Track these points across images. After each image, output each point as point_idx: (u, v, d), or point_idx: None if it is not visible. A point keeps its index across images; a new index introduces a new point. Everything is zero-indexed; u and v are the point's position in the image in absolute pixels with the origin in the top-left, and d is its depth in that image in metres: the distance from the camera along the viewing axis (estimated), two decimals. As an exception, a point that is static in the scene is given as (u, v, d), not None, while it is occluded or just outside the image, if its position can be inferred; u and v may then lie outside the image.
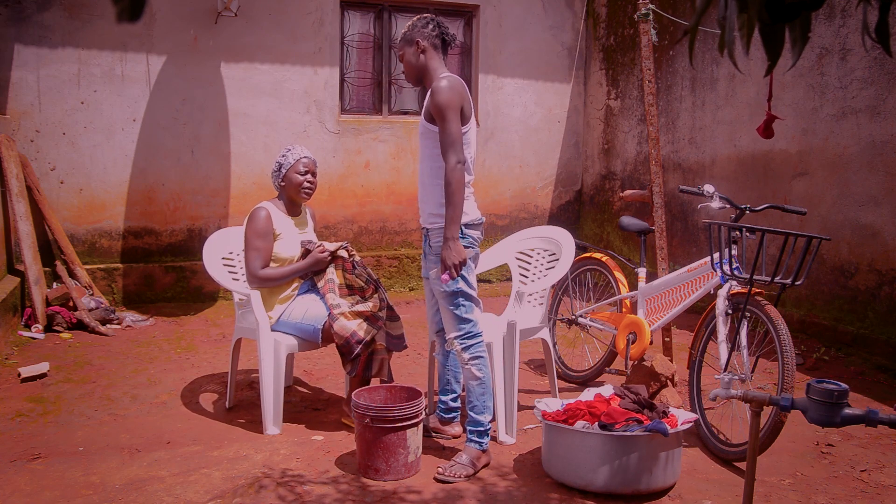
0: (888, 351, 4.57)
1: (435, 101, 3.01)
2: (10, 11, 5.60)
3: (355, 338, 3.45)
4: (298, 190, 3.71)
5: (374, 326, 3.51)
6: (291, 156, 3.72)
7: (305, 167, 3.71)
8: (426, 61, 3.20)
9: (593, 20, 7.47)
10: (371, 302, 3.57)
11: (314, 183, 3.76)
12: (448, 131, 3.00)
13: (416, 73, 3.21)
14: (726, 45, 1.03)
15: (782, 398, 2.22)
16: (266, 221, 3.65)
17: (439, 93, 3.02)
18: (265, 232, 3.64)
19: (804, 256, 3.20)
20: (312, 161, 3.76)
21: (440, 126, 3.02)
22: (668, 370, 3.84)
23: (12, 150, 5.45)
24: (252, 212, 3.70)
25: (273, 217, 3.69)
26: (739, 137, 5.72)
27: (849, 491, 3.06)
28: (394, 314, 3.67)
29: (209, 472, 3.08)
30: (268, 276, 3.61)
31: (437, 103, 3.01)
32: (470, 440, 3.19)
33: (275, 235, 3.68)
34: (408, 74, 3.26)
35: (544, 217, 7.51)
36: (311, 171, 3.74)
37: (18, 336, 5.00)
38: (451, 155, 2.99)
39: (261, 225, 3.64)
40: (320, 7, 6.49)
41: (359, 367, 3.49)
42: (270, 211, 3.70)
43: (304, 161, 3.72)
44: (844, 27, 4.87)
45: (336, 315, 3.48)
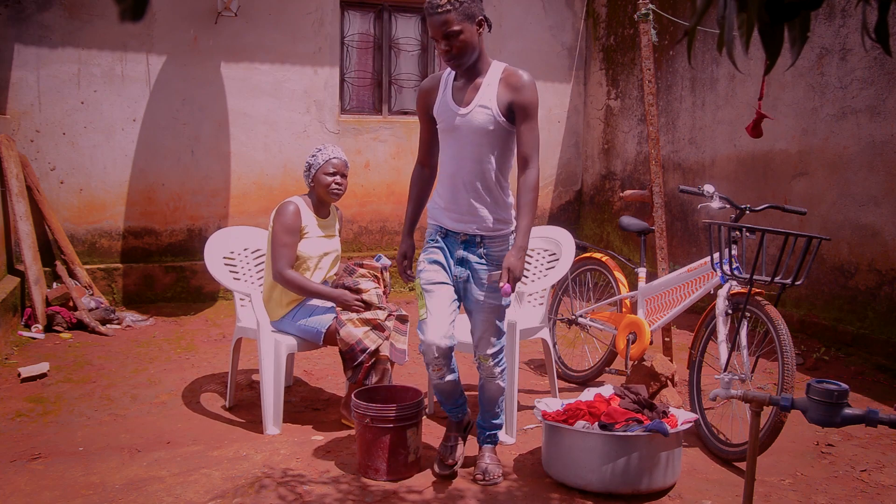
0: (888, 351, 4.57)
1: (529, 96, 2.73)
2: (10, 11, 5.60)
3: (360, 346, 3.44)
4: (327, 191, 3.66)
5: (380, 336, 3.51)
6: (321, 156, 3.68)
7: (335, 168, 3.67)
8: (482, 43, 2.79)
9: (593, 20, 7.47)
10: (380, 311, 3.56)
11: (343, 184, 3.70)
12: (537, 132, 2.78)
13: (471, 55, 2.74)
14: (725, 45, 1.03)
15: (782, 398, 2.22)
16: (295, 217, 3.62)
17: (532, 88, 2.74)
18: (294, 228, 3.60)
19: (804, 256, 3.20)
20: (343, 162, 3.71)
21: (528, 124, 2.74)
22: (668, 370, 3.84)
23: (12, 150, 5.45)
24: (280, 206, 3.66)
25: (302, 213, 3.66)
26: (739, 137, 5.72)
27: (849, 491, 3.06)
28: (402, 327, 3.65)
29: (209, 472, 3.08)
30: (291, 281, 3.56)
31: (532, 99, 2.73)
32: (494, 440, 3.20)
33: (302, 233, 3.65)
34: (459, 56, 2.72)
35: (544, 217, 7.51)
36: (341, 171, 3.69)
37: (18, 336, 5.00)
38: (537, 157, 2.78)
39: (289, 220, 3.60)
40: (320, 7, 6.49)
41: (360, 375, 3.48)
42: (300, 207, 3.66)
43: (333, 162, 3.67)
44: (844, 27, 4.87)
45: (343, 321, 3.47)
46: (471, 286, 2.91)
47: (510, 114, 2.76)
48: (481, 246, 2.89)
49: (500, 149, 2.80)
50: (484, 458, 3.11)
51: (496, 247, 2.89)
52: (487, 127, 2.75)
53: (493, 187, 2.84)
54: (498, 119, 2.75)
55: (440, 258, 2.92)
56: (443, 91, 2.86)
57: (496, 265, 2.87)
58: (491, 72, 2.80)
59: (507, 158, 2.85)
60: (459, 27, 2.68)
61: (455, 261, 2.92)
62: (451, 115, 2.80)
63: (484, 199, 2.84)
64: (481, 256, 2.89)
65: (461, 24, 2.68)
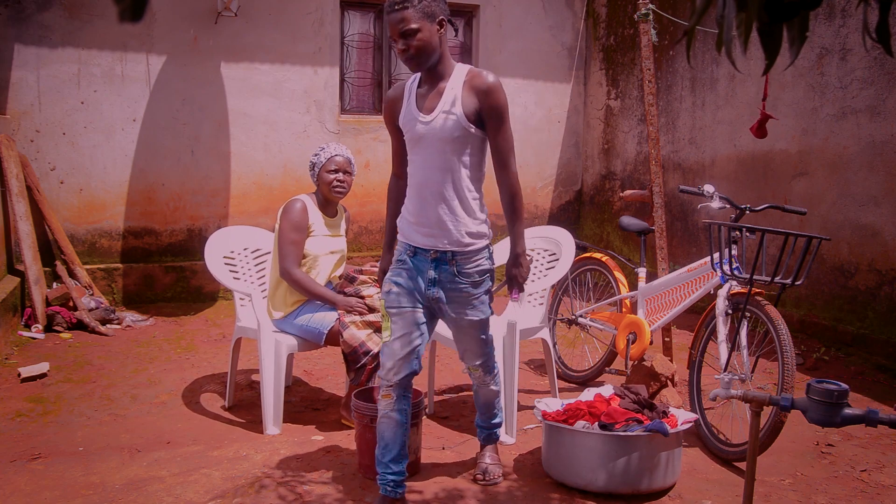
0: (888, 351, 4.57)
1: (496, 99, 2.58)
2: (10, 11, 5.60)
3: (364, 348, 3.44)
4: (329, 189, 3.66)
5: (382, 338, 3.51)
6: (324, 154, 3.69)
7: (336, 165, 3.66)
8: (444, 45, 2.62)
9: (593, 20, 7.47)
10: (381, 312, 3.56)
11: (345, 181, 3.69)
12: (510, 134, 2.66)
13: (430, 56, 2.58)
14: (725, 45, 1.03)
15: (782, 398, 2.21)
16: (302, 214, 3.62)
17: (500, 91, 2.59)
18: (301, 225, 3.60)
19: (804, 256, 3.20)
20: (346, 159, 3.70)
21: (499, 128, 2.62)
22: (668, 370, 3.84)
23: (12, 150, 5.45)
24: (287, 204, 3.66)
25: (309, 211, 3.66)
26: (739, 137, 5.72)
27: (849, 491, 3.06)
28: None
29: (209, 472, 3.08)
30: (298, 281, 3.56)
31: (499, 102, 2.59)
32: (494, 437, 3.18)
33: (308, 230, 3.65)
34: (417, 56, 2.56)
35: (544, 217, 7.51)
36: (343, 169, 3.68)
37: (18, 336, 5.00)
38: (513, 161, 2.70)
39: (297, 217, 3.60)
40: (320, 7, 6.49)
41: (363, 377, 3.48)
42: (307, 205, 3.67)
43: (335, 159, 3.67)
44: (844, 27, 4.87)
45: (347, 323, 3.48)
46: (445, 306, 2.77)
47: (478, 119, 2.60)
48: (453, 263, 2.72)
49: (469, 157, 2.65)
50: (485, 457, 3.11)
51: (469, 263, 2.73)
52: (453, 134, 2.59)
53: (465, 199, 2.68)
54: (464, 125, 2.59)
55: (406, 280, 2.73)
56: (407, 99, 2.70)
57: (471, 283, 2.74)
58: (454, 75, 2.62)
59: (478, 167, 2.71)
60: (417, 25, 2.52)
61: (426, 282, 2.73)
62: (415, 123, 2.65)
63: (455, 212, 2.68)
64: (454, 274, 2.72)
65: (419, 23, 2.52)
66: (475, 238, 2.73)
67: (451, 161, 2.63)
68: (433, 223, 2.69)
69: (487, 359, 2.97)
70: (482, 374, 2.97)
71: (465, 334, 2.86)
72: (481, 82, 2.58)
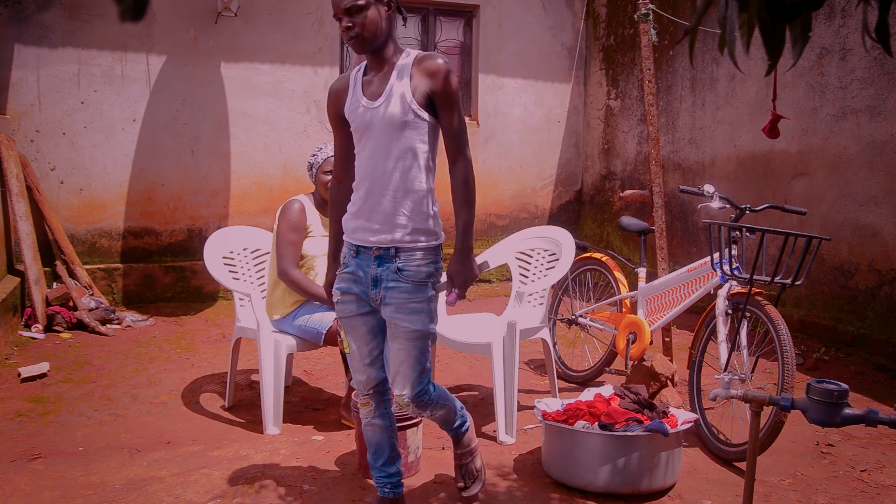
0: (888, 351, 4.57)
1: (449, 81, 2.41)
2: (10, 11, 5.60)
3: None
4: (327, 189, 3.65)
5: None
6: (321, 155, 3.68)
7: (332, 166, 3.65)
8: (392, 29, 2.50)
9: (593, 20, 7.47)
10: None
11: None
12: (462, 120, 2.48)
13: (376, 38, 2.43)
14: (727, 45, 1.03)
15: (782, 398, 2.21)
16: (300, 214, 3.62)
17: (448, 73, 2.43)
18: (299, 226, 3.61)
19: (804, 256, 3.20)
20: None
21: (450, 114, 2.44)
22: (668, 370, 3.84)
23: (12, 150, 5.45)
24: (285, 204, 3.66)
25: (307, 212, 3.66)
26: (739, 137, 5.73)
27: (849, 491, 3.06)
28: None
29: (209, 472, 3.08)
30: (295, 281, 3.55)
31: (450, 85, 2.41)
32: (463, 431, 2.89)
33: (306, 231, 3.65)
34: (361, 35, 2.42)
35: (544, 217, 7.51)
36: None
37: (18, 336, 5.00)
38: (466, 148, 2.50)
39: (294, 218, 3.60)
40: (320, 7, 6.49)
41: None
42: (304, 205, 3.67)
43: (331, 160, 3.65)
44: (844, 27, 4.87)
45: None
46: (384, 309, 2.50)
47: (429, 104, 2.43)
48: (396, 259, 2.48)
49: (419, 144, 2.45)
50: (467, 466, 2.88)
51: (413, 262, 2.48)
52: (402, 118, 2.40)
53: (413, 190, 2.47)
54: (413, 108, 2.40)
55: (351, 285, 2.54)
56: (352, 88, 2.53)
57: (412, 283, 2.47)
58: (402, 59, 2.47)
59: (428, 157, 2.50)
60: (364, 2, 2.40)
61: (370, 282, 2.50)
62: (362, 110, 2.46)
63: (401, 204, 2.47)
64: (396, 272, 2.47)
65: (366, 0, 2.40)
66: (422, 235, 2.49)
67: (399, 148, 2.43)
68: (378, 217, 2.47)
69: (421, 393, 2.53)
70: (414, 409, 2.56)
71: (398, 347, 2.48)
72: (432, 64, 2.42)
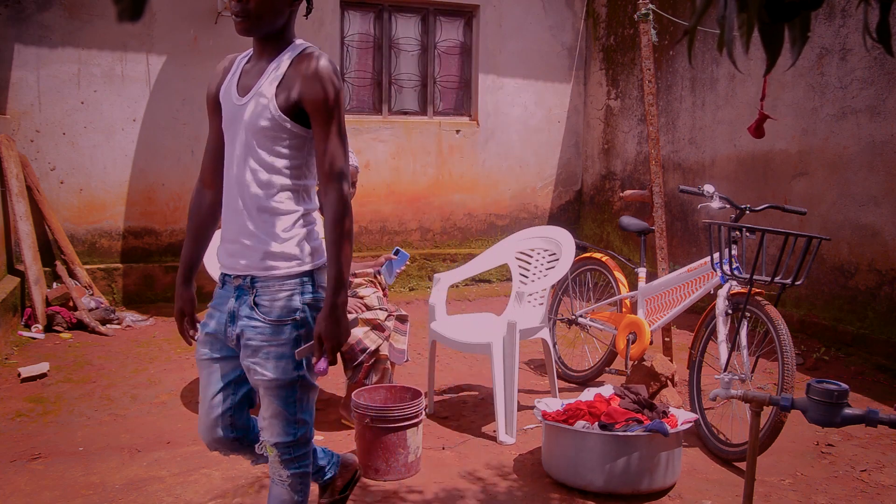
0: (888, 351, 4.57)
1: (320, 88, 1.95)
2: (10, 11, 5.60)
3: (360, 346, 3.46)
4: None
5: (380, 336, 3.51)
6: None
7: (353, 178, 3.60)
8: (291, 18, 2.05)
9: (593, 20, 7.47)
10: (380, 311, 3.56)
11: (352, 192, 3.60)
12: (341, 140, 1.99)
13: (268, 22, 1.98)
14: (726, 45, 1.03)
15: (782, 398, 2.21)
16: None
17: (327, 78, 1.95)
18: None
19: (804, 256, 3.20)
20: (355, 169, 3.63)
21: (323, 129, 1.96)
22: (668, 370, 3.84)
23: (12, 150, 5.45)
24: None
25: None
26: (739, 137, 5.72)
27: (849, 491, 3.06)
28: (402, 327, 3.65)
29: (209, 472, 3.08)
30: None
31: (325, 92, 1.95)
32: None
33: None
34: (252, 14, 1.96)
35: (544, 217, 7.51)
36: (353, 181, 3.62)
37: (18, 336, 5.00)
38: (343, 178, 1.98)
39: None
40: (320, 7, 6.48)
41: (360, 375, 3.49)
42: None
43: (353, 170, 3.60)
44: (844, 27, 4.87)
45: None
46: (241, 352, 2.07)
47: (298, 111, 1.98)
48: (252, 292, 2.03)
49: (284, 158, 2.01)
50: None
51: (270, 295, 2.01)
52: (259, 122, 1.98)
53: (277, 212, 2.01)
54: (274, 114, 1.97)
55: (210, 320, 2.15)
56: (232, 74, 2.12)
57: (269, 321, 2.01)
58: (286, 53, 2.03)
59: (298, 173, 2.03)
60: None
61: (228, 317, 2.08)
62: (230, 105, 2.07)
63: (256, 223, 2.01)
64: (251, 307, 2.02)
65: None
66: (283, 261, 2.02)
67: (258, 158, 2.00)
68: (233, 237, 2.06)
69: (292, 443, 2.09)
70: (278, 465, 2.11)
71: (264, 398, 2.07)
72: (308, 66, 1.96)
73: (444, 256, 6.94)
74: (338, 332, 1.95)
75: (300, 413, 2.08)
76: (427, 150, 6.93)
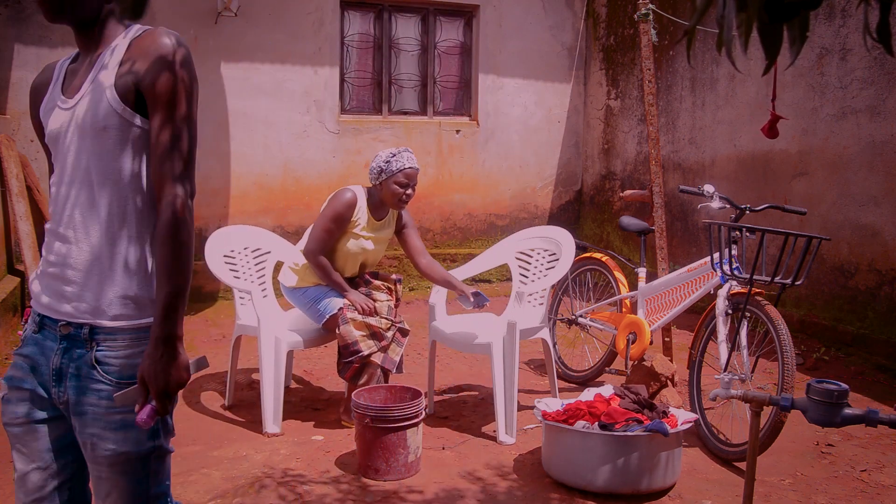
0: (888, 351, 4.57)
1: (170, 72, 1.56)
2: (10, 11, 5.60)
3: (355, 347, 3.47)
4: (395, 201, 3.56)
5: (376, 344, 3.53)
6: (396, 163, 3.52)
7: (407, 178, 3.54)
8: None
9: (593, 20, 7.47)
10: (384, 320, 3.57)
11: (412, 195, 3.58)
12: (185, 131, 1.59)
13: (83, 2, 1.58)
14: (725, 45, 1.03)
15: (782, 398, 2.21)
16: (348, 208, 3.54)
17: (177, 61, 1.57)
18: (342, 217, 3.54)
19: (804, 256, 3.20)
20: (416, 171, 3.57)
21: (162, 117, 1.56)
22: (668, 370, 3.84)
23: (12, 150, 5.45)
24: (338, 192, 3.60)
25: (358, 208, 3.57)
26: (739, 137, 5.72)
27: (849, 491, 3.06)
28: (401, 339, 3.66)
29: (209, 472, 3.08)
30: (318, 265, 3.55)
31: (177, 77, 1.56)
32: None
33: (350, 226, 3.57)
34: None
35: (544, 217, 7.51)
36: (413, 183, 3.57)
37: (18, 336, 5.00)
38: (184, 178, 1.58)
39: (342, 208, 3.53)
40: (320, 7, 6.49)
41: (347, 373, 3.52)
42: (358, 199, 3.58)
43: (407, 171, 3.53)
44: (844, 27, 4.87)
45: (347, 318, 3.49)
46: (74, 420, 1.61)
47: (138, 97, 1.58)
48: (91, 345, 1.58)
49: (130, 164, 1.59)
50: None
51: (121, 350, 1.59)
52: (102, 122, 1.56)
53: (120, 236, 1.59)
54: (115, 107, 1.56)
55: (23, 373, 1.65)
56: (55, 82, 1.69)
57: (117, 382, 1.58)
58: (121, 37, 1.63)
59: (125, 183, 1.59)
60: None
61: (53, 374, 1.61)
62: (56, 112, 1.64)
63: (101, 257, 1.58)
64: (91, 365, 1.58)
65: None
66: (134, 307, 1.60)
67: (100, 169, 1.58)
68: (63, 275, 1.60)
69: None
70: None
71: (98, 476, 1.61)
72: (151, 43, 1.58)
73: (444, 256, 6.94)
74: (166, 372, 1.52)
75: (154, 487, 1.65)
76: (427, 150, 6.93)
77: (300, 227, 6.48)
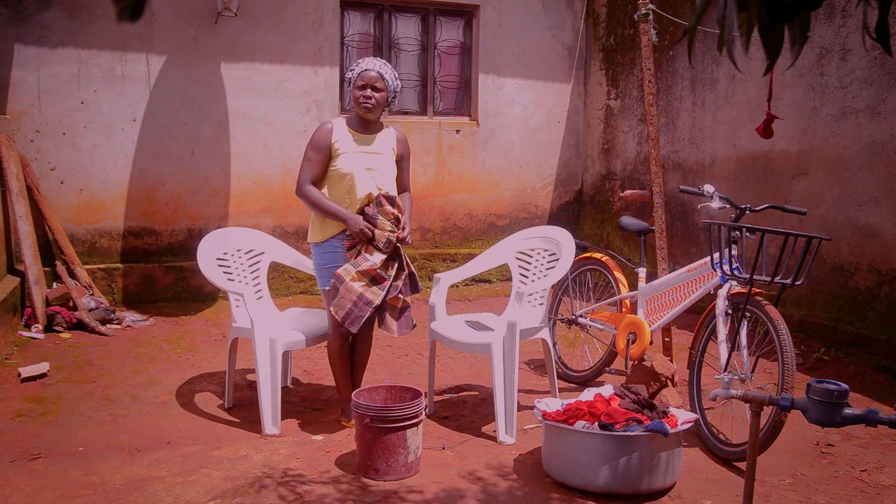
0: (888, 351, 4.57)
1: None
2: (10, 11, 5.60)
3: (363, 300, 3.46)
4: (358, 107, 3.62)
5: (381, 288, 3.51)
6: (356, 70, 3.64)
7: (364, 81, 3.59)
8: None
9: (593, 20, 7.47)
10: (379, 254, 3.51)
11: (372, 98, 3.58)
12: None
13: None
14: (725, 45, 1.03)
15: (782, 398, 2.22)
16: (324, 134, 3.60)
17: None
18: (319, 144, 3.59)
19: (804, 256, 3.20)
20: (376, 74, 3.60)
21: None
22: (668, 370, 3.84)
23: (12, 150, 5.45)
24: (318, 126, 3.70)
25: (335, 131, 3.62)
26: (739, 137, 5.72)
27: (849, 491, 3.06)
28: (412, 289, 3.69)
29: (209, 472, 3.08)
30: (307, 197, 3.56)
31: None
32: None
33: (334, 151, 3.59)
34: None
35: (544, 217, 7.51)
36: (371, 84, 3.59)
37: (18, 336, 5.00)
38: None
39: (317, 136, 3.61)
40: (320, 7, 6.49)
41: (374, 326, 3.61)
42: (335, 125, 3.65)
43: (365, 75, 3.60)
44: (844, 27, 4.87)
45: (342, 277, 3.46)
46: None
47: None
48: None
49: None
50: None
51: None
52: None
53: None
54: None
55: None
56: None
57: None
58: None
59: None
60: None
61: None
62: None
63: None
64: None
65: None
66: None
67: None
68: None
69: None
70: None
71: None
72: None
73: (444, 256, 6.94)
74: None
75: None
76: (427, 150, 6.93)
77: (300, 226, 6.47)
